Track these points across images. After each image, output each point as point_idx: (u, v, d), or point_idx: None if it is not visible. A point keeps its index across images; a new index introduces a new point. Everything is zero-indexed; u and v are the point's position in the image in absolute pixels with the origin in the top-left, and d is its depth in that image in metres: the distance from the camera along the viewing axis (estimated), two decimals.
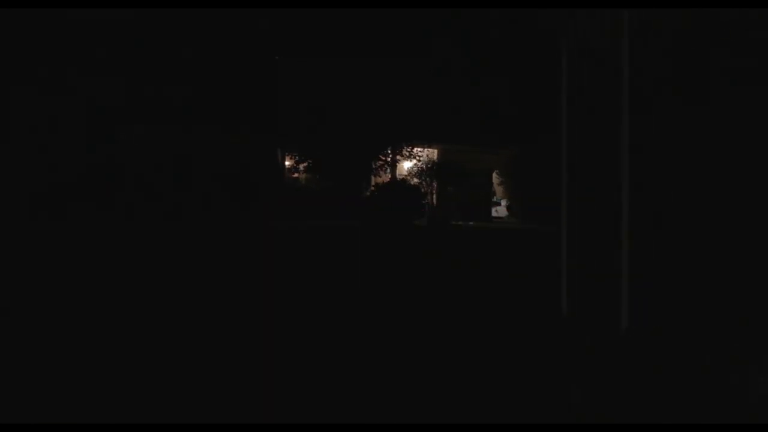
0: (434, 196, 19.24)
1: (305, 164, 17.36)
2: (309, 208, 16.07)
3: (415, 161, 19.00)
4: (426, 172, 18.71)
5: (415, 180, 18.47)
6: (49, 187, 12.90)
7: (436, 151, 20.32)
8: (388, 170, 18.96)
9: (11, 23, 12.68)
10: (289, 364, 3.81)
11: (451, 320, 5.02)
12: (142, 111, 14.11)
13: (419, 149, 18.87)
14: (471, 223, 18.39)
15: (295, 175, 17.86)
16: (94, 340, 4.32)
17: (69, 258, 8.63)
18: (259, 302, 5.77)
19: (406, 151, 18.41)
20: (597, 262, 4.43)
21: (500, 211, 21.63)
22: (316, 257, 9.39)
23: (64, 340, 4.35)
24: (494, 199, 21.97)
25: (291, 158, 17.62)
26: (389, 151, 17.87)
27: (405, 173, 19.20)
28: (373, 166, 17.88)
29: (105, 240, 10.79)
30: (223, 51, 14.93)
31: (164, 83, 14.11)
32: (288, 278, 7.24)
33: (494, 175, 21.67)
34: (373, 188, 17.48)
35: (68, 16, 12.83)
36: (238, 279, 7.15)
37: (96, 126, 13.71)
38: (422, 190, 18.12)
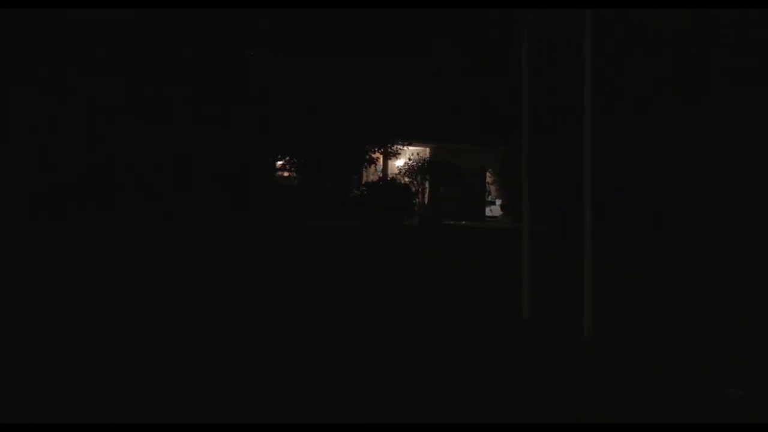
0: (425, 196, 19.01)
1: (282, 162, 17.10)
2: (295, 207, 15.84)
3: (405, 160, 18.76)
4: (417, 171, 18.46)
5: (406, 179, 18.21)
6: (49, 187, 12.89)
7: (428, 149, 20.07)
8: (377, 169, 18.76)
9: (11, 23, 12.69)
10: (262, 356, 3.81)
11: (408, 322, 4.96)
12: (133, 110, 14.10)
13: (400, 146, 18.58)
14: (463, 222, 18.27)
15: (285, 174, 17.59)
16: (95, 341, 4.32)
17: (69, 258, 8.63)
18: (248, 304, 5.77)
19: (387, 149, 18.15)
20: (559, 267, 4.41)
21: (495, 210, 21.51)
22: (299, 258, 9.25)
23: (64, 340, 4.35)
24: (489, 198, 21.83)
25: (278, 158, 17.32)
26: (375, 150, 17.60)
27: (395, 172, 18.94)
28: (365, 164, 17.67)
29: (105, 240, 10.79)
30: (214, 48, 14.90)
31: (151, 81, 14.10)
32: (271, 278, 7.22)
33: (488, 174, 21.54)
34: (363, 188, 17.26)
35: (68, 16, 12.83)
36: (231, 278, 7.13)
37: (91, 126, 13.71)
38: (413, 189, 17.88)
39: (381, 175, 18.80)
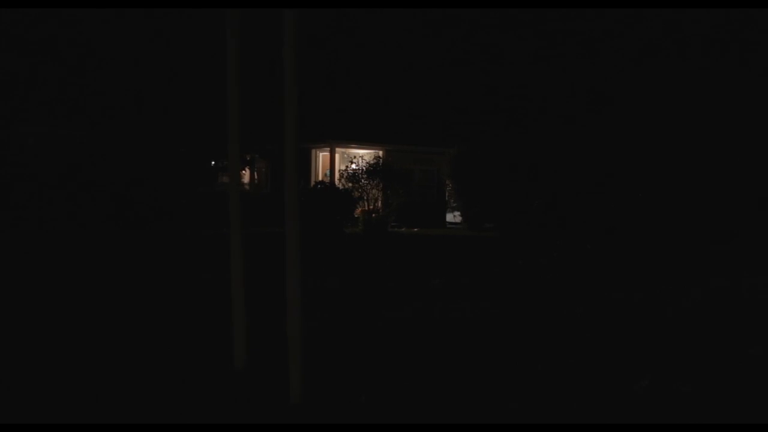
0: (377, 201, 17.80)
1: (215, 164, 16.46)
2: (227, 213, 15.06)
3: (347, 163, 17.77)
4: (362, 175, 17.12)
5: (349, 184, 17.26)
6: None
7: (381, 152, 18.95)
8: (327, 173, 18.00)
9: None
10: None
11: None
12: (52, 112, 14.10)
13: (353, 148, 17.92)
14: (416, 229, 17.12)
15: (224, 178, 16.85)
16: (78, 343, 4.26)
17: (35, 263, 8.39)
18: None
19: (333, 150, 17.55)
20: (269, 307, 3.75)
21: (457, 216, 20.42)
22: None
23: (66, 340, 4.30)
24: (454, 204, 20.63)
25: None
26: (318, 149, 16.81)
27: (338, 177, 17.90)
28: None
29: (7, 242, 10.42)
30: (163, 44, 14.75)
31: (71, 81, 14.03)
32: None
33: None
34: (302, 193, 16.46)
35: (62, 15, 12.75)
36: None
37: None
38: (355, 195, 16.88)
39: (328, 178, 17.96)
